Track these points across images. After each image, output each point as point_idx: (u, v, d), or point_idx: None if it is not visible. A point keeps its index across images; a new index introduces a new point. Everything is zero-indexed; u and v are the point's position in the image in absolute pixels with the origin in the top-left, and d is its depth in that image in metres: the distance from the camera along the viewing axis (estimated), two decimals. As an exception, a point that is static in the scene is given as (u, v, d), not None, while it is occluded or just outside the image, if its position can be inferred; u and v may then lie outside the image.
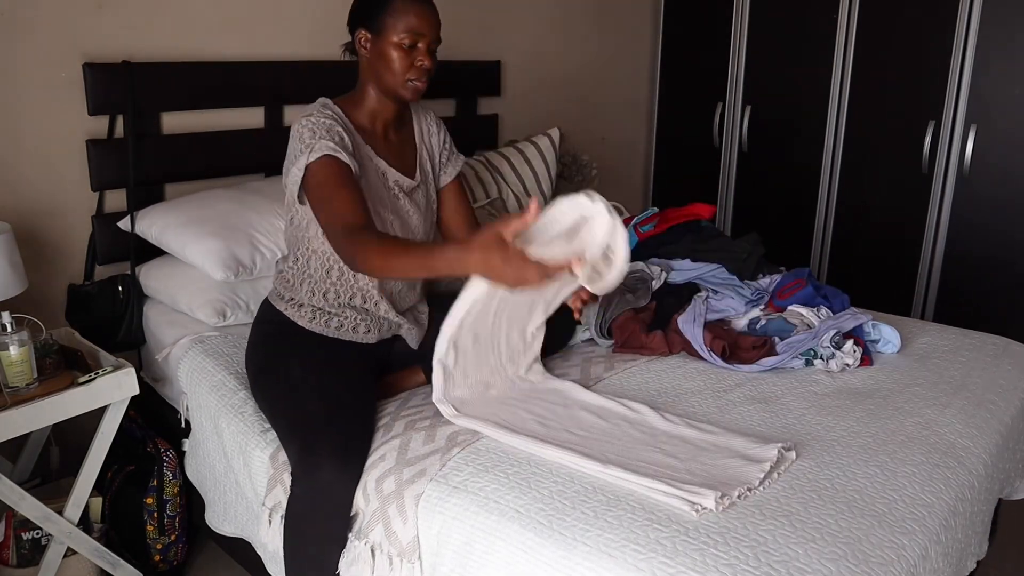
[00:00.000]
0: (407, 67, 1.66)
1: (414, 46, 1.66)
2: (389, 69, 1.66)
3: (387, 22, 1.64)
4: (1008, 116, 2.87)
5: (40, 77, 2.01)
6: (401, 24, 1.64)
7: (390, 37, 1.65)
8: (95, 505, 1.93)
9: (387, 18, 1.64)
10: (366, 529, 1.43)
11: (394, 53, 1.65)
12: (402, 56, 1.65)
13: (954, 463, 1.47)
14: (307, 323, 1.72)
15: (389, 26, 1.64)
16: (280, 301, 1.77)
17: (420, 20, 1.65)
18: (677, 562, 1.17)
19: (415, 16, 1.65)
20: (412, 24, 1.64)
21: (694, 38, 3.70)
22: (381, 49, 1.66)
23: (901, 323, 2.11)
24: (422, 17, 1.66)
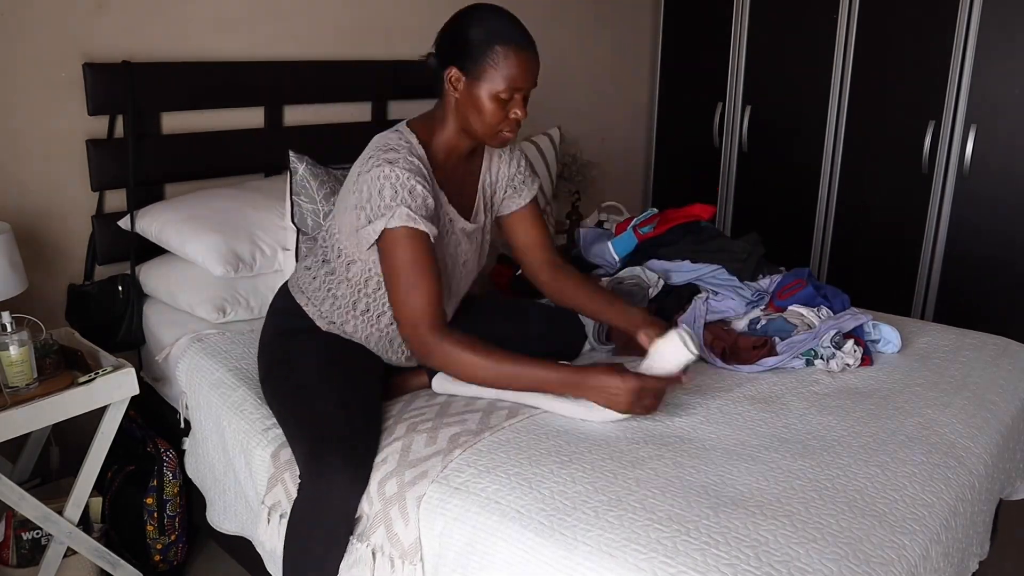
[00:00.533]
0: (501, 119, 1.55)
1: (511, 98, 1.55)
2: (480, 118, 1.55)
3: (487, 71, 1.51)
4: (1008, 116, 2.87)
5: (40, 77, 2.01)
6: (502, 76, 1.51)
7: (488, 88, 1.52)
8: (95, 505, 1.93)
9: (488, 67, 1.51)
10: (368, 531, 1.43)
11: (489, 105, 1.53)
12: (497, 108, 1.54)
13: (954, 463, 1.47)
14: (324, 324, 1.69)
15: (489, 76, 1.52)
16: (301, 295, 1.71)
17: (523, 73, 1.53)
18: (678, 562, 1.17)
19: (519, 68, 1.52)
20: (515, 78, 1.52)
21: (694, 38, 3.70)
22: (475, 95, 1.54)
23: (901, 323, 2.11)
24: (526, 70, 1.53)
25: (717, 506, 1.30)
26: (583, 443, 1.49)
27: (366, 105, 2.74)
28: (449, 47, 1.56)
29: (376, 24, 2.72)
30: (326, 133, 2.59)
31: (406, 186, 1.50)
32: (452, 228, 1.66)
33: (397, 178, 1.49)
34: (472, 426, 1.55)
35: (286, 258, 2.11)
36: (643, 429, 1.56)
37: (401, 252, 1.50)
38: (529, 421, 1.58)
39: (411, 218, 1.49)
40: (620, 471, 1.40)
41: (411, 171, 1.51)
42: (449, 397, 1.70)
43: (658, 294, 2.11)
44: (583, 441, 1.50)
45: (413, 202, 1.50)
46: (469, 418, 1.58)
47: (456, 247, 1.69)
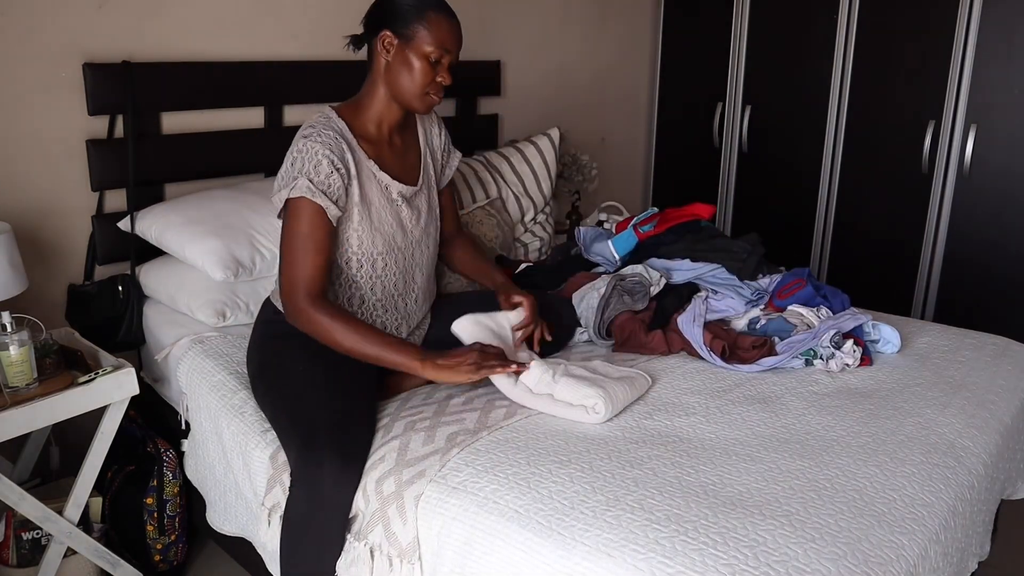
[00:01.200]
0: (429, 80, 1.66)
1: (439, 61, 1.65)
2: (410, 78, 1.66)
3: (419, 32, 1.62)
4: (1008, 116, 2.87)
5: (40, 77, 2.01)
6: (434, 36, 1.63)
7: (420, 47, 1.63)
8: (95, 505, 1.93)
9: (420, 28, 1.62)
10: (365, 530, 1.43)
11: (419, 64, 1.64)
12: (427, 69, 1.65)
13: (954, 463, 1.47)
14: None
15: (421, 36, 1.63)
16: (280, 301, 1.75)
17: (452, 37, 1.65)
18: (676, 562, 1.17)
19: (448, 32, 1.65)
20: (444, 39, 1.64)
21: (694, 38, 3.70)
22: (406, 56, 1.64)
23: (901, 323, 2.11)
24: (454, 34, 1.66)
25: (715, 506, 1.30)
26: (581, 443, 1.50)
27: (366, 105, 2.74)
28: (381, 13, 1.66)
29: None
30: (326, 133, 2.58)
31: (312, 160, 1.58)
32: (389, 194, 1.73)
33: (307, 151, 1.58)
34: (470, 425, 1.55)
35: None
36: (642, 429, 1.56)
37: (294, 222, 1.58)
38: (527, 421, 1.58)
39: (310, 190, 1.56)
40: (618, 471, 1.40)
41: (323, 144, 1.59)
42: (447, 396, 1.70)
43: (658, 293, 2.11)
44: (581, 441, 1.50)
45: (316, 176, 1.57)
46: (467, 417, 1.58)
47: (399, 212, 1.75)
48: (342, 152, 1.62)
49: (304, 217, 1.58)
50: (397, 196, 1.75)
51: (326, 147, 1.59)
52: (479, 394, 1.70)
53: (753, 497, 1.33)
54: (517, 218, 2.64)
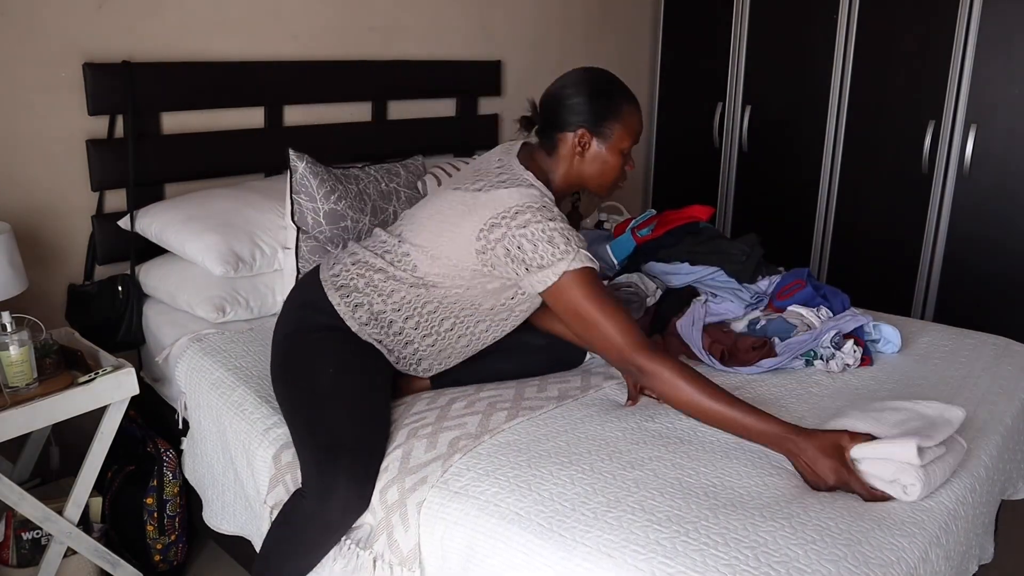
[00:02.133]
0: (621, 171, 1.69)
1: (629, 152, 1.68)
2: (604, 172, 1.67)
3: (617, 130, 1.64)
4: (1008, 116, 2.87)
5: (40, 77, 2.01)
6: (630, 133, 1.66)
7: (618, 144, 1.65)
8: (95, 505, 1.93)
9: (618, 126, 1.64)
10: (371, 540, 1.43)
11: (614, 159, 1.66)
12: (620, 162, 1.67)
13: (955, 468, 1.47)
14: (355, 324, 1.62)
15: (618, 134, 1.64)
16: (333, 290, 1.64)
17: (640, 128, 1.69)
18: (677, 563, 1.17)
19: (639, 125, 1.68)
20: (637, 132, 1.67)
21: (694, 39, 3.70)
22: (601, 153, 1.65)
23: (901, 323, 2.11)
24: (641, 125, 1.70)
25: (716, 507, 1.30)
26: (582, 445, 1.49)
27: (366, 105, 2.74)
28: (583, 110, 1.64)
29: (376, 24, 2.72)
30: (326, 133, 2.59)
31: (575, 232, 1.55)
32: None
33: (564, 228, 1.54)
34: (471, 429, 1.55)
35: (286, 257, 2.11)
36: (643, 430, 1.56)
37: (588, 290, 1.52)
38: (528, 423, 1.58)
39: (590, 259, 1.54)
40: (619, 472, 1.40)
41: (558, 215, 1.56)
42: (449, 400, 1.69)
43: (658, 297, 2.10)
44: (582, 443, 1.50)
45: (584, 245, 1.55)
46: (469, 421, 1.58)
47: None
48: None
49: (595, 283, 1.53)
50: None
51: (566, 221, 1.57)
52: (481, 398, 1.69)
53: (754, 498, 1.33)
54: (517, 218, 2.63)
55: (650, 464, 1.43)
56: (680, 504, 1.30)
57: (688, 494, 1.33)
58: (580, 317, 1.53)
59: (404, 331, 1.64)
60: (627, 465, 1.42)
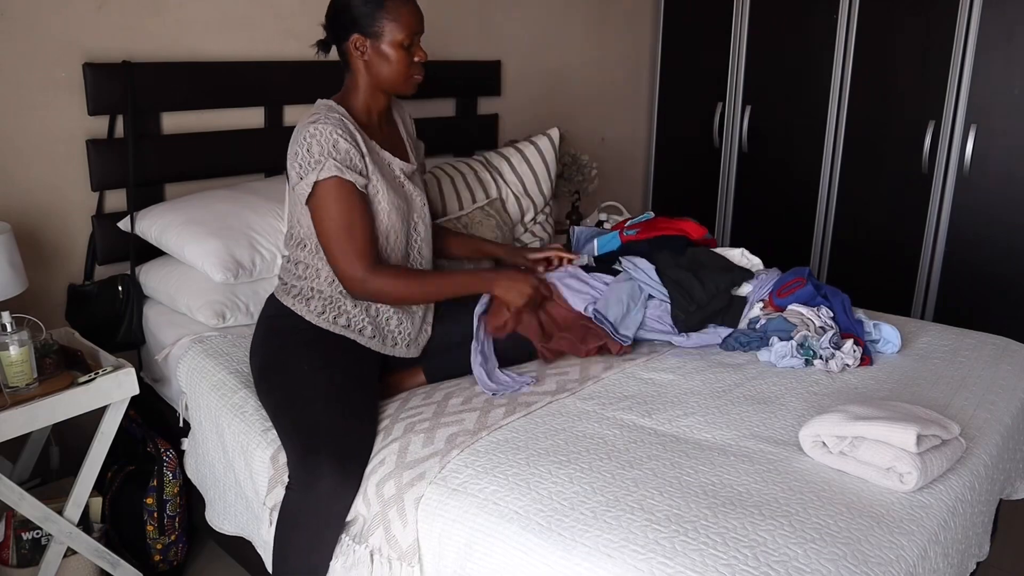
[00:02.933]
0: (408, 64, 1.75)
1: (412, 43, 1.74)
2: (391, 68, 1.74)
3: (386, 26, 1.71)
4: (1008, 116, 2.87)
5: (40, 77, 2.02)
6: (402, 25, 1.71)
7: (392, 38, 1.72)
8: (95, 505, 1.93)
9: (386, 22, 1.71)
10: (366, 533, 1.43)
11: (395, 53, 1.73)
12: (403, 55, 1.73)
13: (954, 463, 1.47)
14: (315, 318, 1.72)
15: (389, 29, 1.71)
16: (286, 296, 1.76)
17: (416, 19, 1.74)
18: (676, 562, 1.17)
19: (412, 14, 1.73)
20: (411, 24, 1.73)
21: (694, 38, 3.70)
22: (381, 51, 1.73)
23: (901, 323, 2.11)
24: (417, 15, 1.75)
25: (715, 506, 1.30)
26: (580, 443, 1.50)
27: (366, 105, 2.74)
28: (343, 21, 1.74)
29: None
30: (326, 133, 2.58)
31: (330, 140, 1.63)
32: (393, 171, 1.80)
33: (321, 134, 1.63)
34: (469, 426, 1.55)
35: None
36: (641, 429, 1.56)
37: (333, 203, 1.63)
38: (526, 420, 1.58)
39: (338, 168, 1.62)
40: (618, 471, 1.40)
41: (334, 125, 1.65)
42: (445, 396, 1.69)
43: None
44: (580, 441, 1.50)
45: (338, 155, 1.63)
46: (467, 417, 1.58)
47: (403, 188, 1.82)
48: (351, 131, 1.69)
49: (341, 196, 1.63)
50: (400, 173, 1.82)
51: (338, 127, 1.65)
52: (477, 394, 1.70)
53: (753, 497, 1.33)
54: (517, 218, 2.64)
55: (648, 463, 1.43)
56: (679, 503, 1.30)
57: (687, 493, 1.33)
58: (322, 227, 1.65)
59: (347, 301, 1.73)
60: (626, 464, 1.42)
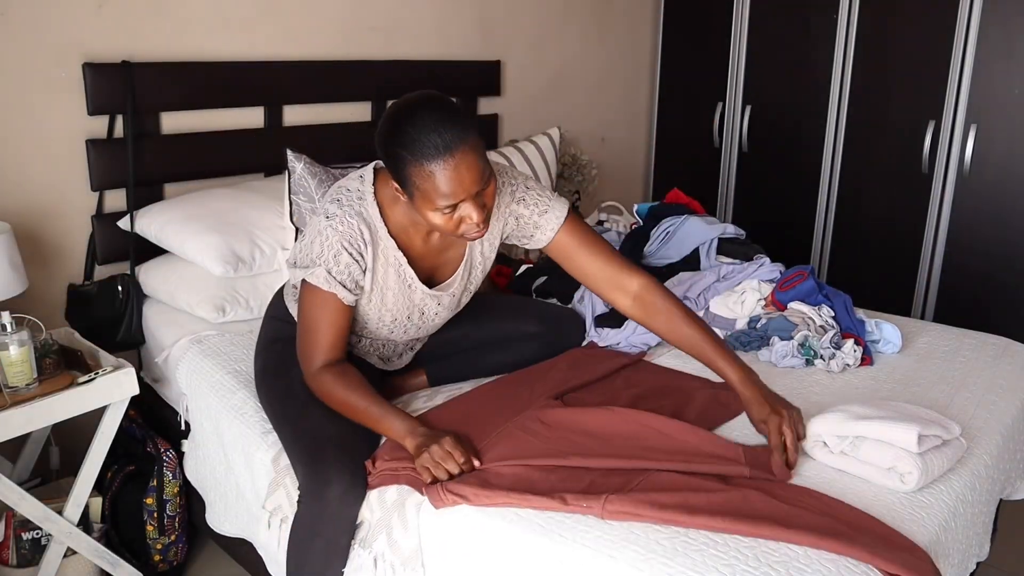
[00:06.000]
0: (456, 226, 1.43)
1: (456, 206, 1.40)
2: (432, 222, 1.44)
3: (416, 194, 1.40)
4: (1008, 116, 2.87)
5: (40, 77, 2.01)
6: (435, 196, 1.38)
7: (427, 204, 1.40)
8: (95, 505, 1.93)
9: (415, 190, 1.40)
10: (370, 539, 1.43)
11: (436, 219, 1.42)
12: (447, 219, 1.42)
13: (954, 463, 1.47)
14: None
15: (420, 197, 1.40)
16: (293, 303, 1.70)
17: (455, 186, 1.36)
18: (676, 563, 1.17)
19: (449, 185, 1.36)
20: (447, 195, 1.37)
21: (694, 38, 3.70)
22: (419, 210, 1.43)
23: (901, 323, 2.11)
24: (458, 180, 1.36)
25: (716, 506, 1.29)
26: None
27: (366, 105, 2.74)
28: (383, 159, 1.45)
29: (376, 24, 2.72)
30: (326, 133, 2.59)
31: (331, 249, 1.49)
32: (414, 287, 1.60)
33: (327, 239, 1.49)
34: (470, 428, 1.54)
35: (285, 257, 2.11)
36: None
37: (310, 304, 1.53)
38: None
39: (327, 281, 1.50)
40: (619, 471, 1.39)
41: (342, 235, 1.48)
42: (447, 398, 1.69)
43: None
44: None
45: (335, 267, 1.49)
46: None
47: (414, 299, 1.62)
48: (362, 244, 1.50)
49: (320, 302, 1.51)
50: (421, 292, 1.62)
51: (345, 239, 1.48)
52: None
53: (753, 497, 1.32)
54: (517, 218, 2.63)
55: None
56: (680, 503, 1.30)
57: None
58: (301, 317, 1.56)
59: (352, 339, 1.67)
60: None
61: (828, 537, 1.19)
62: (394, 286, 1.59)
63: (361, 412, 1.49)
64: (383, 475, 1.43)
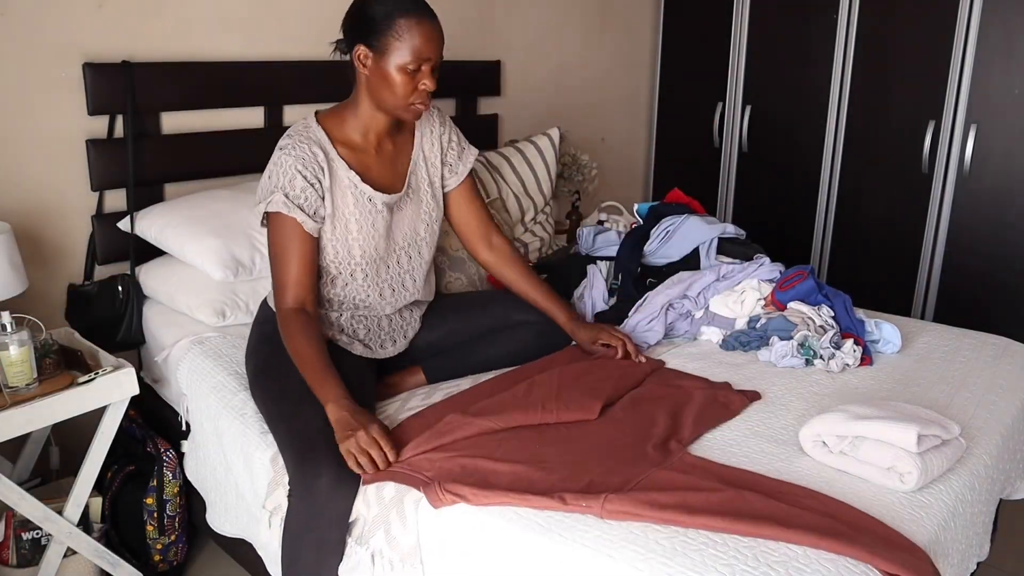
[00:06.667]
0: (411, 91, 1.60)
1: (418, 69, 1.59)
2: (391, 91, 1.60)
3: (390, 44, 1.56)
4: (1008, 116, 2.87)
5: (40, 77, 2.01)
6: (407, 48, 1.56)
7: (394, 60, 1.57)
8: (95, 505, 1.93)
9: (391, 40, 1.56)
10: (367, 535, 1.43)
11: (397, 77, 1.58)
12: (406, 80, 1.59)
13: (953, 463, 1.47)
14: None
15: (393, 48, 1.56)
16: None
17: (427, 44, 1.57)
18: (676, 562, 1.17)
19: (422, 39, 1.56)
20: (418, 48, 1.56)
21: (694, 38, 3.70)
22: (382, 70, 1.59)
23: (901, 323, 2.11)
24: (429, 40, 1.57)
25: (716, 506, 1.29)
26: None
27: (366, 105, 2.74)
28: (354, 26, 1.61)
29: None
30: (326, 133, 2.58)
31: (287, 174, 1.60)
32: (373, 204, 1.70)
33: (281, 165, 1.60)
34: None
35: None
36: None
37: (275, 235, 1.63)
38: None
39: (286, 205, 1.59)
40: (619, 471, 1.39)
41: (296, 158, 1.60)
42: (445, 395, 1.69)
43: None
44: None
45: (291, 190, 1.60)
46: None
47: (382, 221, 1.72)
48: (316, 166, 1.62)
49: (283, 230, 1.61)
50: (381, 206, 1.71)
51: (299, 161, 1.60)
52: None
53: (753, 497, 1.32)
54: (517, 218, 2.64)
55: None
56: (679, 503, 1.30)
57: (687, 493, 1.33)
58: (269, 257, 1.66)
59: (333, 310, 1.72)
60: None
61: (828, 537, 1.19)
62: (355, 211, 1.68)
63: (308, 366, 1.54)
64: (381, 473, 1.43)
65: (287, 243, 1.61)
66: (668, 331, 2.03)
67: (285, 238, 1.61)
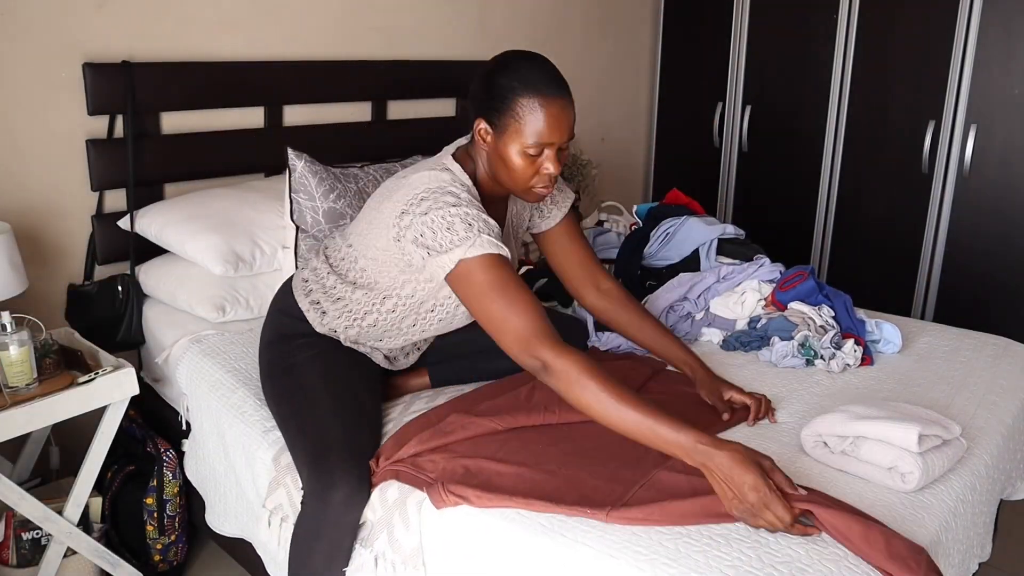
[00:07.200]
0: (531, 174, 1.47)
1: (540, 153, 1.46)
2: (510, 174, 1.48)
3: (510, 124, 1.43)
4: (1008, 116, 2.87)
5: (40, 77, 2.01)
6: (528, 131, 1.43)
7: (515, 143, 1.44)
8: (95, 505, 1.93)
9: (510, 120, 1.43)
10: (371, 538, 1.43)
11: (518, 161, 1.45)
12: (527, 164, 1.46)
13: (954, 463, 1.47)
14: (325, 331, 1.65)
15: (512, 130, 1.43)
16: (304, 299, 1.67)
17: (551, 129, 1.43)
18: (680, 564, 1.17)
19: (546, 123, 1.42)
20: (540, 133, 1.43)
21: (694, 38, 3.70)
22: (502, 150, 1.46)
23: (901, 323, 2.11)
24: (555, 124, 1.43)
25: (717, 507, 1.29)
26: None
27: (366, 105, 2.74)
28: (476, 96, 1.49)
29: (376, 24, 2.72)
30: (326, 133, 2.58)
31: (479, 218, 1.43)
32: None
33: (467, 213, 1.42)
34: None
35: (285, 256, 2.11)
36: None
37: (486, 277, 1.40)
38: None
39: (493, 244, 1.41)
40: (620, 472, 1.39)
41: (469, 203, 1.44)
42: (448, 399, 1.69)
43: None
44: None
45: (491, 231, 1.43)
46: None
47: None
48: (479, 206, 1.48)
49: (499, 271, 1.40)
50: None
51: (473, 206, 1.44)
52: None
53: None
54: (517, 218, 2.63)
55: (651, 464, 1.42)
56: (681, 504, 1.30)
57: (689, 494, 1.33)
58: (481, 305, 1.41)
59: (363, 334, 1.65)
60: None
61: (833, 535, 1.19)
62: None
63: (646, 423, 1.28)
64: (385, 472, 1.43)
65: (507, 282, 1.40)
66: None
67: (504, 278, 1.40)
